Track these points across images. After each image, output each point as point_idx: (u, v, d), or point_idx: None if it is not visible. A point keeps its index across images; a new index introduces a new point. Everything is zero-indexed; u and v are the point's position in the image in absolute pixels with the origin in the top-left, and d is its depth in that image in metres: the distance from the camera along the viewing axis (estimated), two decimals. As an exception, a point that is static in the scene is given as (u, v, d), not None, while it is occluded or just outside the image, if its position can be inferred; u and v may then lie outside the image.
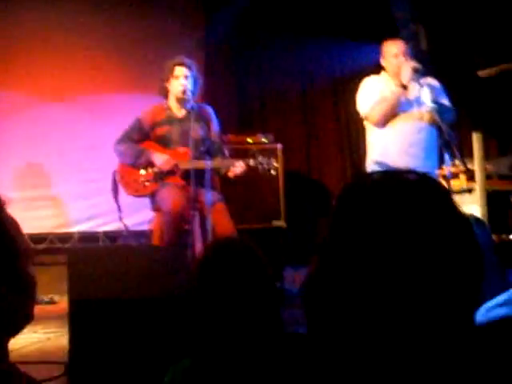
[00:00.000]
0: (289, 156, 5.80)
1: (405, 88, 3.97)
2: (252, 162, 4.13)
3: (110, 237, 5.85)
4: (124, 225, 4.44)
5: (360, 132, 4.93)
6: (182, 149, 4.16)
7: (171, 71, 4.23)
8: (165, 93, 4.31)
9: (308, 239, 6.00)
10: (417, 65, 3.91)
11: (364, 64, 5.70)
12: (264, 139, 5.48)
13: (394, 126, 4.00)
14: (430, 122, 3.97)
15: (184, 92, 4.16)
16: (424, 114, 3.96)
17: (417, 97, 3.97)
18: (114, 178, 4.26)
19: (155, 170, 4.15)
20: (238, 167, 4.10)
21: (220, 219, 4.04)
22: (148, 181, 4.16)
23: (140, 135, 4.27)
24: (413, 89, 3.99)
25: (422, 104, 3.92)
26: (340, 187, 0.83)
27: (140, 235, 5.09)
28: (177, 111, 4.30)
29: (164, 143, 4.23)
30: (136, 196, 4.25)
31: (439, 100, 3.97)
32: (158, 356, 2.44)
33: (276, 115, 6.68)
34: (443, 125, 3.74)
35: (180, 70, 4.21)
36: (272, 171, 4.18)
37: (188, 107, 4.23)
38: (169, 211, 3.95)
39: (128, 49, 6.02)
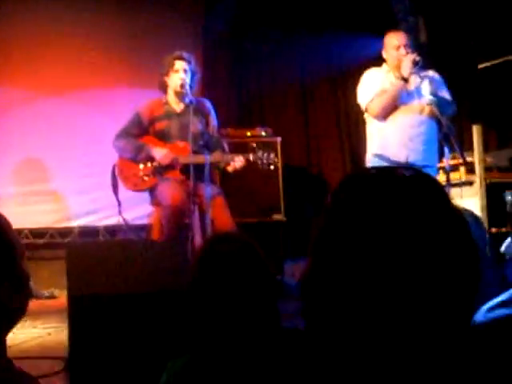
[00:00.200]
0: (288, 149, 5.80)
1: (405, 81, 3.95)
2: (252, 157, 4.12)
3: (110, 231, 5.86)
4: (124, 219, 4.43)
5: (359, 125, 4.92)
6: (182, 143, 4.15)
7: (171, 65, 4.22)
8: (164, 87, 4.30)
9: (308, 232, 5.99)
10: (417, 57, 3.89)
11: (363, 57, 5.67)
12: (263, 133, 5.48)
13: (394, 119, 3.99)
14: (430, 115, 3.95)
15: (182, 86, 4.15)
16: (424, 107, 3.95)
17: (417, 89, 3.96)
18: (114, 173, 4.25)
19: (154, 165, 4.15)
20: (238, 161, 4.09)
21: (219, 213, 4.04)
22: (147, 175, 4.16)
23: (139, 130, 4.26)
24: (413, 81, 3.98)
25: (423, 97, 3.91)
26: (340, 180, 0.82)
27: (140, 229, 5.09)
28: (175, 105, 4.29)
29: (163, 138, 4.22)
30: (135, 190, 4.24)
31: (439, 93, 3.96)
32: (158, 351, 2.44)
33: (275, 109, 6.67)
34: (443, 118, 3.74)
35: (179, 64, 4.21)
36: (272, 166, 4.18)
37: (186, 101, 4.21)
38: (168, 205, 3.95)
39: (127, 43, 6.00)
